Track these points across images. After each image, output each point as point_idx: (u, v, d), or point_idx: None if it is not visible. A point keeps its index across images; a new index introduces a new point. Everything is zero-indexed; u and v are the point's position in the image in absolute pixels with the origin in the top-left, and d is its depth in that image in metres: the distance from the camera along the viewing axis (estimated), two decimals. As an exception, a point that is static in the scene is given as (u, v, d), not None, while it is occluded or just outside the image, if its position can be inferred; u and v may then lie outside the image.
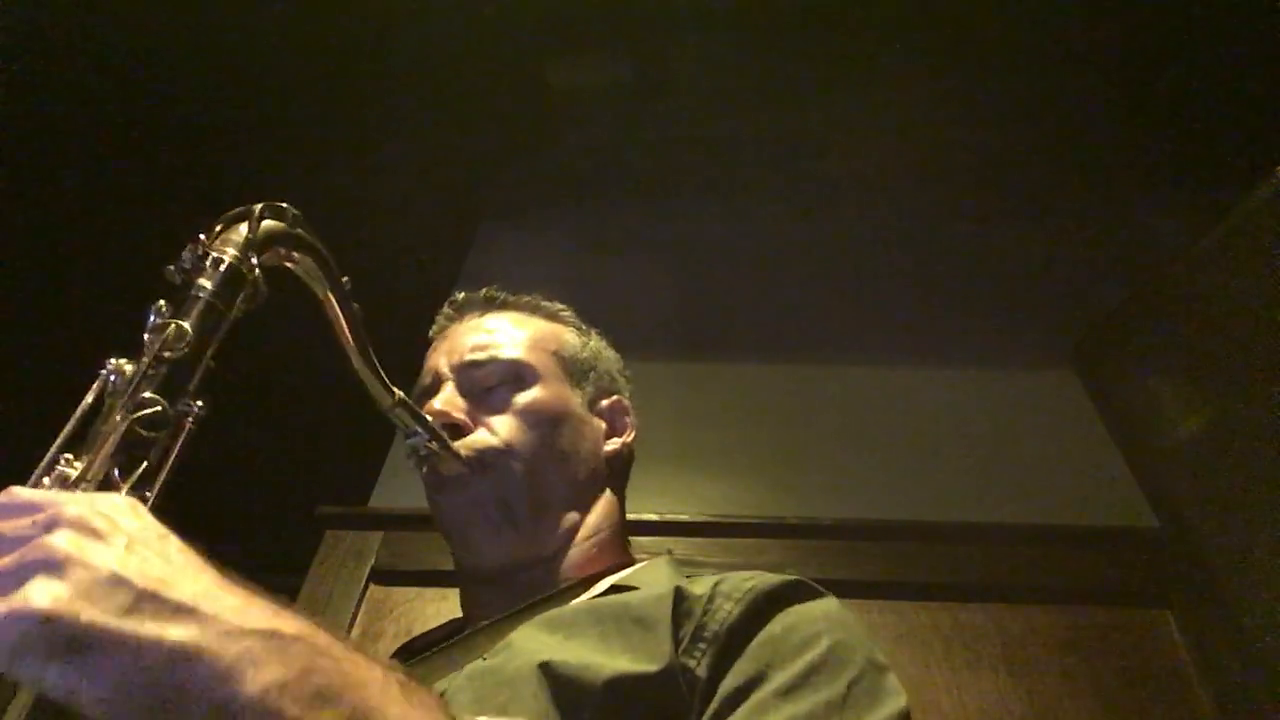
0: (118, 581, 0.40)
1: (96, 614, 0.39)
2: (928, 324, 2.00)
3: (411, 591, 1.47)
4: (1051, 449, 1.73)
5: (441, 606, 1.42)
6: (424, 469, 0.87)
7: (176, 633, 0.40)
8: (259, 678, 0.40)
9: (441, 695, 0.63)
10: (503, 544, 0.85)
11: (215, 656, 0.40)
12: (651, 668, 0.63)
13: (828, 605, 0.73)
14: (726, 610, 0.67)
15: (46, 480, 0.51)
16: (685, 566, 0.86)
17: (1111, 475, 1.68)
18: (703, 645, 0.65)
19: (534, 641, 0.68)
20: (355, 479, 1.78)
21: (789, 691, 0.62)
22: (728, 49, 2.19)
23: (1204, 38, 1.97)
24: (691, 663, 0.64)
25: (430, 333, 1.03)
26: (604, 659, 0.64)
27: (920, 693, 1.32)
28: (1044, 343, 1.93)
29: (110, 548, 0.42)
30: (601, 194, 2.40)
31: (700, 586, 0.70)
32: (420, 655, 0.81)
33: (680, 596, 0.69)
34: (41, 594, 0.38)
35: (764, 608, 0.68)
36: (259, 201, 0.67)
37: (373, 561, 1.52)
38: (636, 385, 1.07)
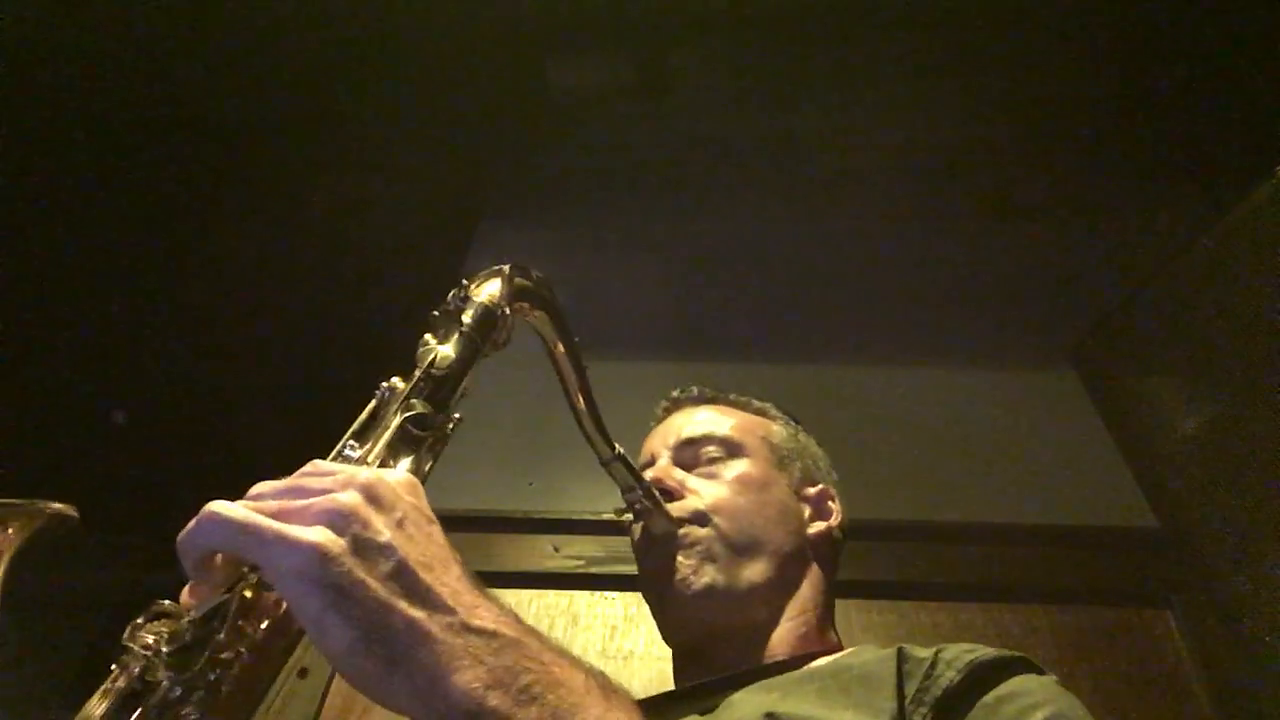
0: (388, 550, 0.46)
1: (361, 571, 0.44)
2: (928, 324, 2.01)
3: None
4: (1051, 449, 1.73)
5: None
6: (635, 527, 0.92)
7: (417, 612, 0.45)
8: (472, 672, 0.44)
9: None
10: (699, 601, 0.86)
11: (441, 643, 0.44)
12: (875, 718, 0.64)
13: (1048, 681, 0.73)
14: (949, 677, 0.67)
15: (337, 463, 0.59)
16: None
17: (1111, 475, 1.68)
18: (925, 709, 0.66)
19: (752, 700, 0.70)
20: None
21: None
22: (728, 49, 2.19)
23: (1204, 37, 1.97)
24: (916, 718, 0.65)
25: (650, 425, 1.09)
26: (826, 712, 0.65)
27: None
28: (1044, 343, 1.93)
29: (389, 517, 0.48)
30: (601, 194, 2.40)
31: (923, 651, 0.71)
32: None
33: (903, 657, 0.70)
34: (324, 537, 0.45)
35: (987, 676, 0.68)
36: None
37: (373, 561, 1.52)
38: (637, 385, 1.08)
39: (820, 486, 1.03)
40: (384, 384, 0.68)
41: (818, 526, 0.99)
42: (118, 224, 2.12)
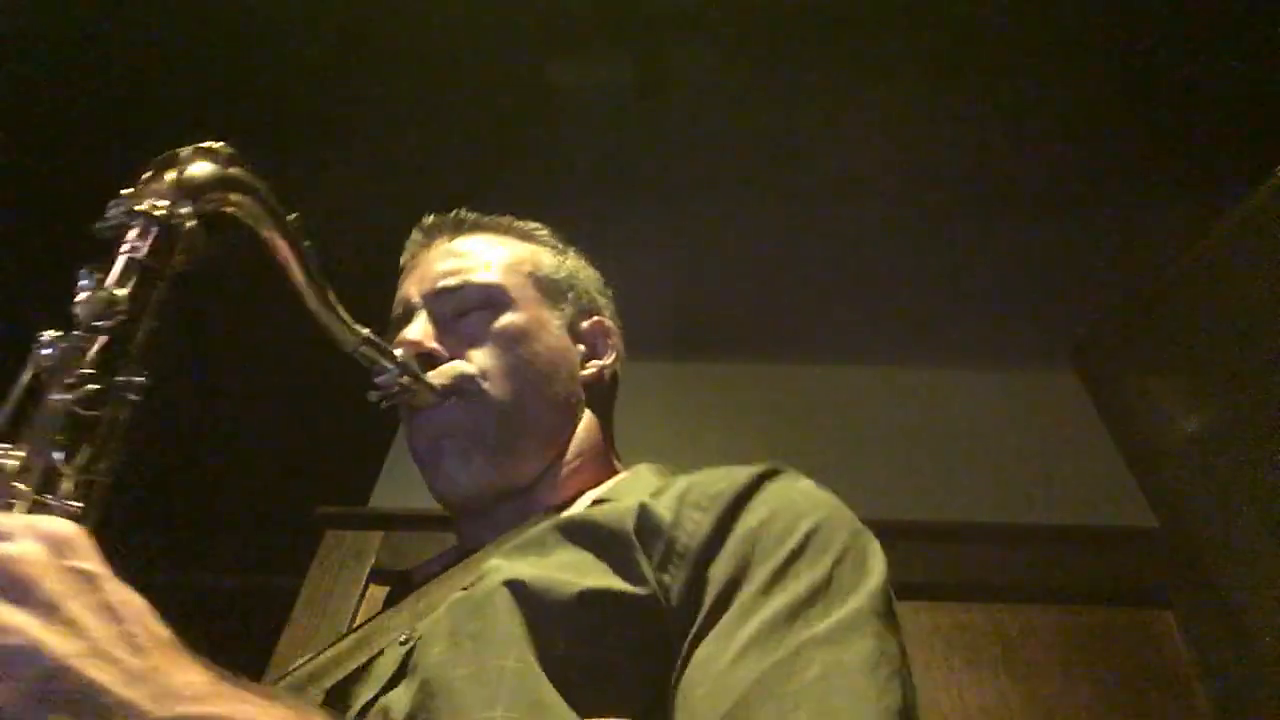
0: (32, 655, 0.37)
1: None
2: (928, 324, 2.00)
3: (411, 591, 1.47)
4: (1051, 449, 1.73)
5: (441, 606, 1.41)
6: (400, 406, 0.84)
7: None
8: None
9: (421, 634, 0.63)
10: (474, 473, 0.81)
11: None
12: (623, 585, 0.60)
13: (803, 487, 0.70)
14: (695, 520, 0.64)
15: None
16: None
17: (1111, 475, 1.68)
18: (676, 561, 0.62)
19: (506, 566, 0.65)
20: (355, 479, 1.78)
21: (770, 586, 0.59)
22: (728, 49, 2.19)
23: (1205, 38, 1.97)
24: (667, 579, 0.61)
25: (401, 261, 0.98)
26: (573, 575, 0.62)
27: (920, 693, 1.31)
28: (1044, 343, 1.93)
29: (31, 610, 0.38)
30: (601, 194, 2.40)
31: (666, 499, 0.66)
32: (418, 589, 0.79)
33: (644, 513, 0.65)
34: None
35: (735, 510, 0.64)
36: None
37: (373, 561, 1.52)
38: (636, 385, 1.07)
39: (594, 319, 0.96)
40: (41, 338, 0.52)
41: (592, 368, 0.92)
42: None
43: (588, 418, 0.91)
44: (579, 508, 0.78)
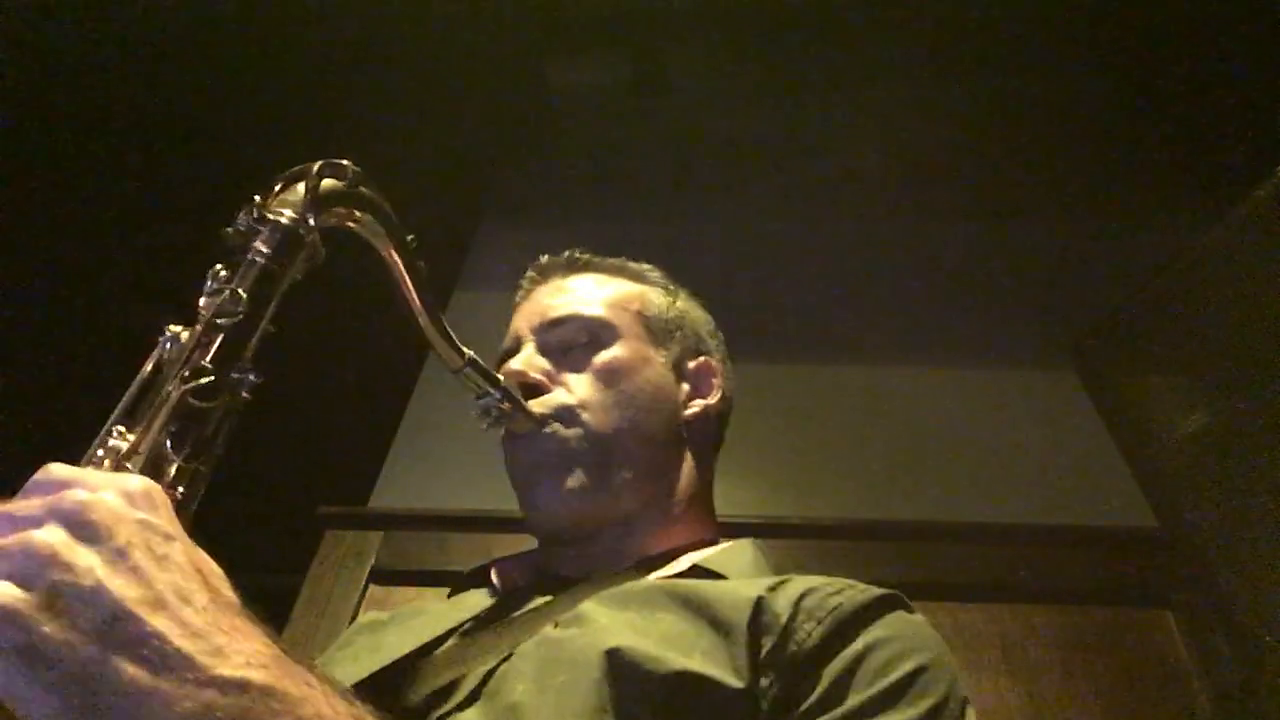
0: (96, 596, 0.38)
1: (57, 628, 0.36)
2: (927, 324, 2.00)
3: (411, 591, 1.47)
4: (1051, 449, 1.73)
5: (441, 606, 1.41)
6: (501, 430, 0.85)
7: (138, 670, 0.37)
8: None
9: (509, 658, 0.64)
10: (568, 501, 0.82)
11: (168, 706, 0.37)
12: (723, 675, 0.60)
13: (918, 625, 0.70)
14: (807, 630, 0.63)
15: (100, 452, 0.49)
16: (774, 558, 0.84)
17: (1111, 475, 1.68)
18: (780, 665, 0.61)
19: (605, 616, 0.66)
20: (355, 479, 1.78)
21: (864, 712, 0.59)
22: (728, 49, 2.19)
23: (1205, 37, 1.97)
24: (765, 681, 0.60)
25: (515, 299, 1.01)
26: (675, 652, 0.61)
27: (920, 693, 1.32)
28: (1044, 343, 1.93)
29: (100, 553, 0.39)
30: (601, 194, 2.40)
31: (783, 599, 0.65)
32: (498, 607, 0.79)
33: (760, 609, 0.64)
34: (4, 593, 0.36)
35: (847, 629, 0.64)
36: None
37: (373, 561, 1.52)
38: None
39: (701, 359, 0.97)
40: (167, 333, 0.55)
41: (695, 406, 0.93)
42: (113, 224, 2.12)
43: (689, 459, 0.92)
44: (680, 565, 0.79)
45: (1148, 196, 2.20)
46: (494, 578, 0.88)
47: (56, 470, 0.44)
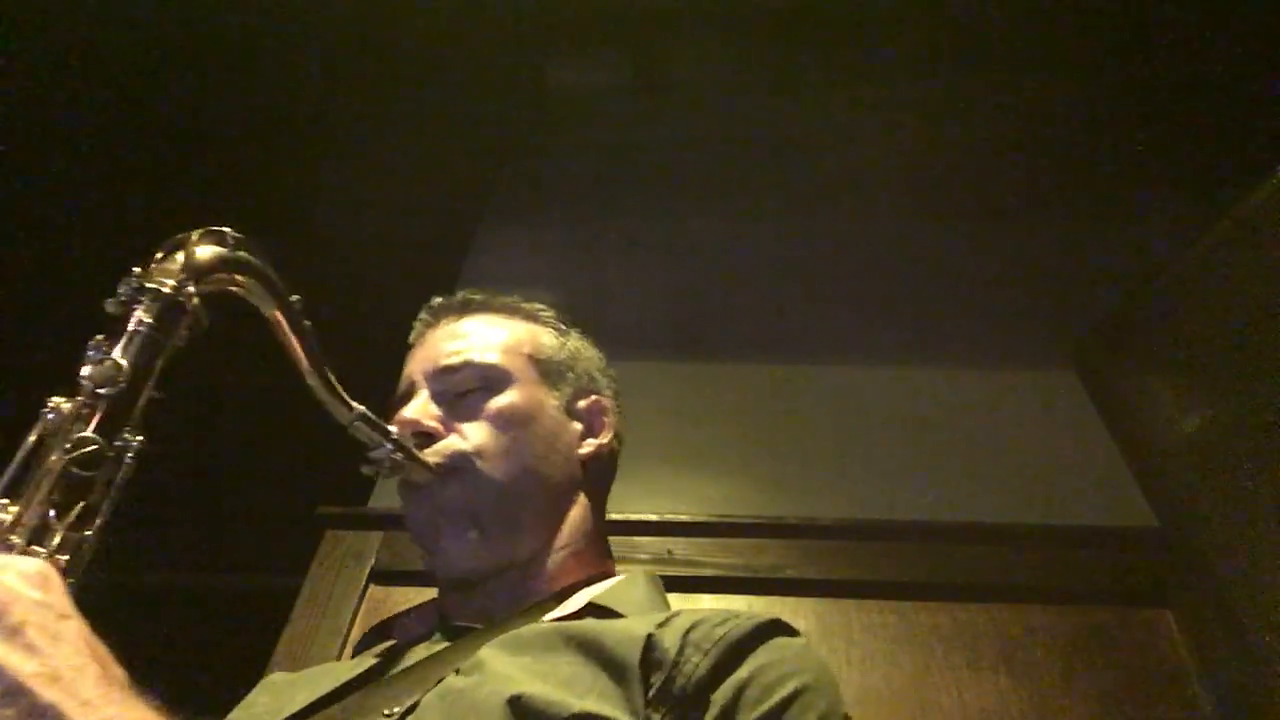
0: None
1: None
2: (927, 324, 2.00)
3: (412, 592, 1.47)
4: (1051, 449, 1.73)
5: (441, 607, 1.41)
6: (398, 483, 0.87)
7: None
8: None
9: (413, 709, 0.65)
10: (470, 552, 0.84)
11: None
12: (618, 715, 0.62)
13: (799, 648, 0.71)
14: (694, 663, 0.65)
15: None
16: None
17: (1111, 475, 1.68)
18: (671, 700, 0.63)
19: (503, 663, 0.67)
20: (355, 479, 1.77)
21: None
22: (727, 49, 2.19)
23: (1204, 37, 1.97)
24: (657, 717, 0.63)
25: (409, 339, 1.02)
26: (571, 696, 0.63)
27: (920, 693, 1.32)
28: (1044, 343, 1.93)
29: None
30: (601, 194, 2.40)
31: (671, 634, 0.68)
32: (397, 656, 0.80)
33: (650, 646, 0.66)
34: None
35: (731, 658, 0.66)
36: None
37: (373, 562, 1.52)
38: (637, 385, 1.07)
39: (593, 398, 0.99)
40: (48, 405, 0.57)
41: (589, 446, 0.95)
42: (113, 225, 2.12)
43: (583, 498, 0.93)
44: (575, 603, 0.80)
45: (1148, 197, 2.20)
46: (394, 630, 0.91)
47: None
